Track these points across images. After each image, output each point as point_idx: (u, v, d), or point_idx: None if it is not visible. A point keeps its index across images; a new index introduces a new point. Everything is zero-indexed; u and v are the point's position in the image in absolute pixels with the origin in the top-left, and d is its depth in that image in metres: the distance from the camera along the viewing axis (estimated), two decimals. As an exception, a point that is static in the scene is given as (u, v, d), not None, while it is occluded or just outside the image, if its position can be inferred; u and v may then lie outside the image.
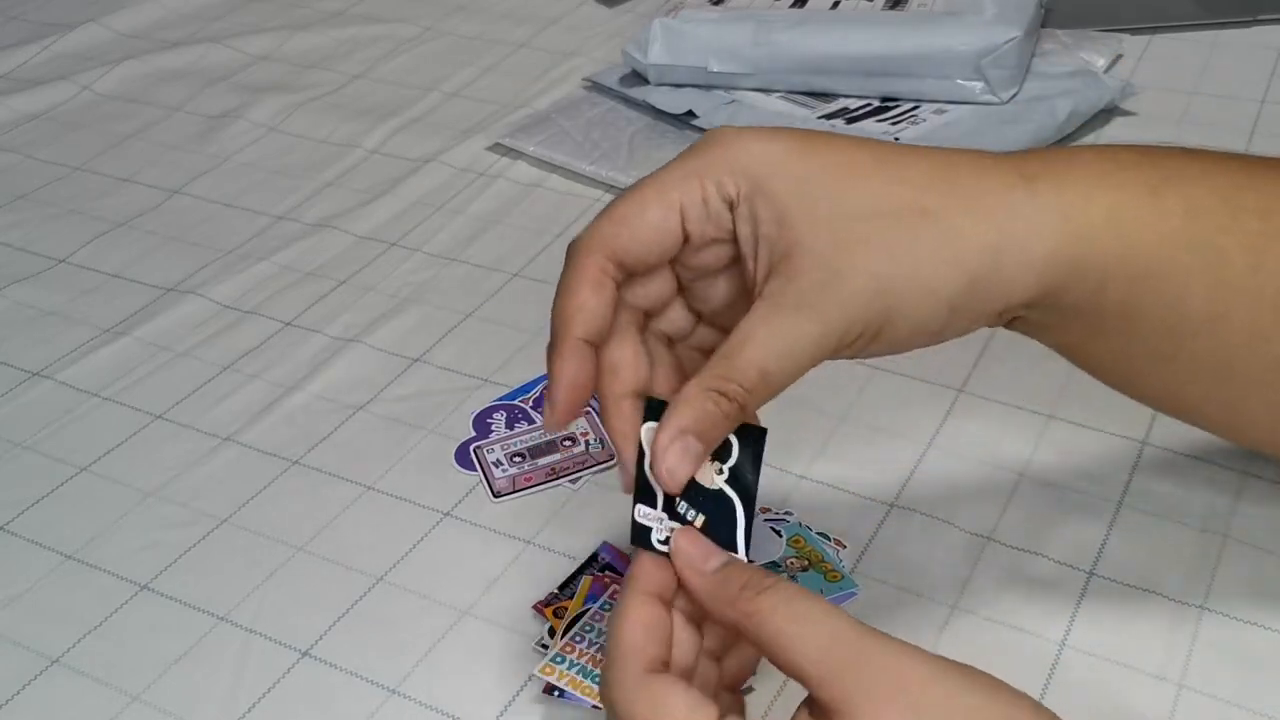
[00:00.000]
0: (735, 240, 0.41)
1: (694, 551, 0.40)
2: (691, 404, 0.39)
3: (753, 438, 0.40)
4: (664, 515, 0.40)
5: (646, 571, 0.40)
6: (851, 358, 0.41)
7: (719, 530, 0.40)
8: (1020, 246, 0.40)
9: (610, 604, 0.50)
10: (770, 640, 0.37)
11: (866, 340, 0.40)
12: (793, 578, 0.51)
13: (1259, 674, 0.47)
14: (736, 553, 0.40)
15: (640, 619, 0.39)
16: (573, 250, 0.42)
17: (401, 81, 0.94)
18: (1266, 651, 0.48)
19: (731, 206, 0.40)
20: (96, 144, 0.89)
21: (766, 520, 0.54)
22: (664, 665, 0.39)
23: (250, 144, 0.88)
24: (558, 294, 0.42)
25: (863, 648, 0.36)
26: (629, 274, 0.42)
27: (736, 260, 0.42)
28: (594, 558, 0.53)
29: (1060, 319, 0.42)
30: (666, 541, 0.40)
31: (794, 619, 0.37)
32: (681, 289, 0.44)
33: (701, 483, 0.40)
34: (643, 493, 0.41)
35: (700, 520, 0.40)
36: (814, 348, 0.39)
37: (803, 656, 0.36)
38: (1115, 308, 0.41)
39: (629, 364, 0.43)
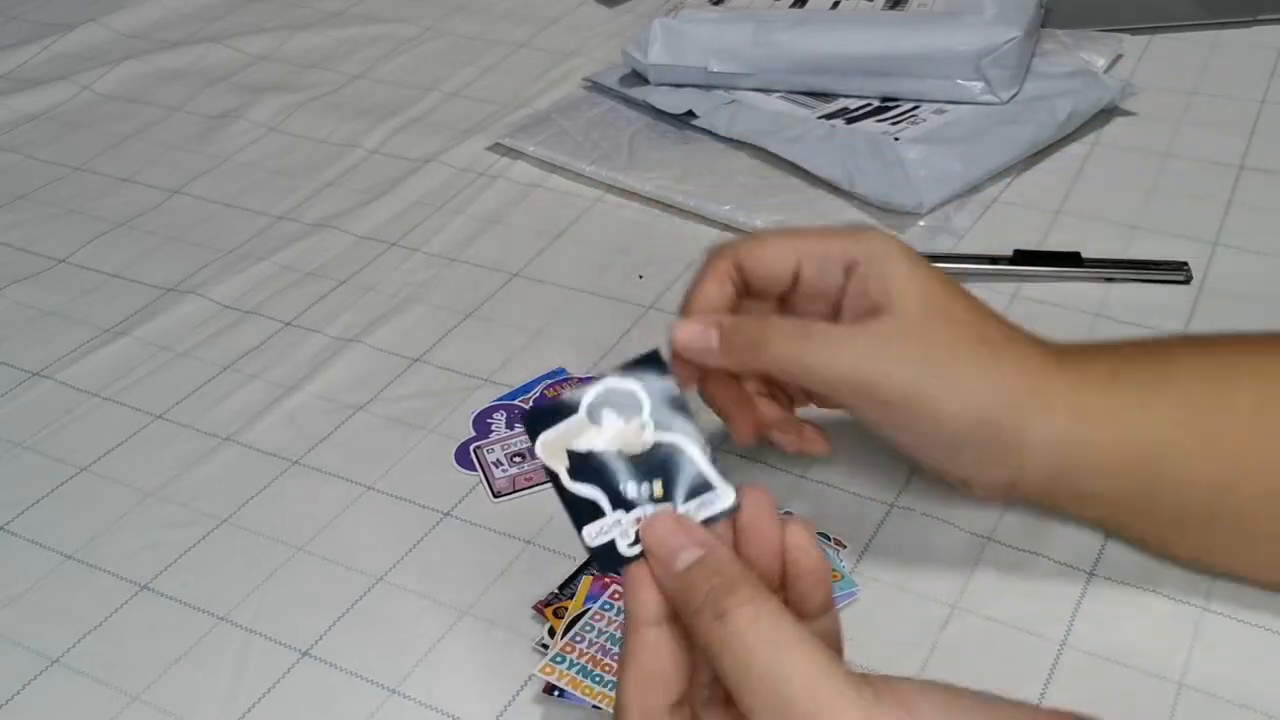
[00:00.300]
0: (839, 299, 0.48)
1: (662, 549, 0.36)
2: (734, 316, 0.48)
3: (654, 370, 0.38)
4: (618, 514, 0.37)
5: (639, 601, 0.37)
6: (878, 423, 0.48)
7: (680, 483, 0.37)
8: (1040, 417, 0.46)
9: (610, 604, 0.50)
10: (736, 669, 0.33)
11: (897, 408, 0.46)
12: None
13: (1259, 674, 0.47)
14: (714, 488, 0.37)
15: (640, 670, 0.36)
16: (709, 252, 0.51)
17: (401, 81, 0.94)
18: (1266, 651, 0.48)
19: (848, 270, 0.48)
20: (96, 144, 0.89)
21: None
22: (679, 699, 0.36)
23: (250, 144, 0.88)
24: (691, 283, 0.51)
25: (855, 685, 0.33)
26: (746, 286, 0.50)
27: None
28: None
29: (1081, 505, 0.49)
30: (636, 541, 0.37)
31: (773, 652, 0.33)
32: None
33: (631, 451, 0.38)
34: (579, 511, 0.37)
35: (658, 485, 0.37)
36: (856, 364, 0.45)
37: (777, 694, 0.32)
38: (1129, 492, 0.47)
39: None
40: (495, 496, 0.58)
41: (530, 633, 0.51)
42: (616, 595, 0.50)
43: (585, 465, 0.38)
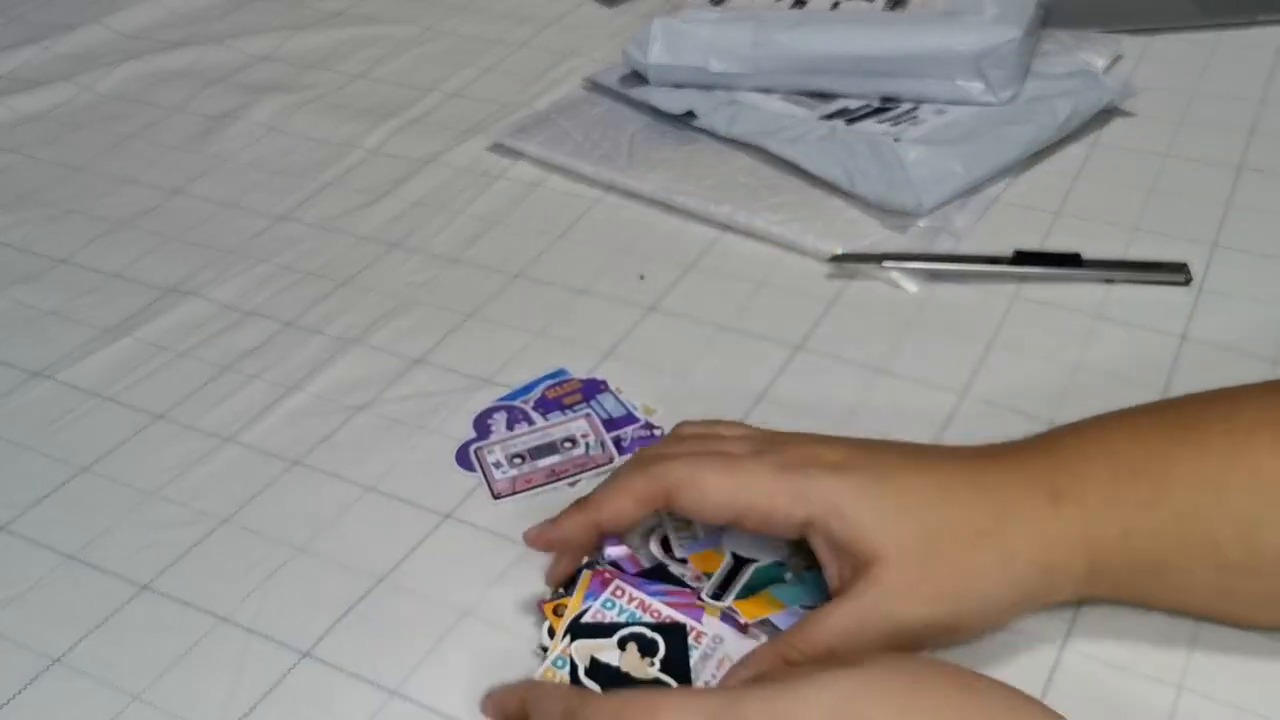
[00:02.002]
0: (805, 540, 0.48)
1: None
2: (759, 654, 0.46)
3: (678, 634, 0.48)
4: None
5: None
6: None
7: None
8: (1061, 570, 0.46)
9: (612, 601, 0.50)
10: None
11: (933, 642, 0.46)
12: (798, 578, 0.51)
13: (1258, 677, 0.47)
14: None
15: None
16: (639, 463, 0.50)
17: (401, 81, 0.94)
18: (1266, 654, 0.48)
19: (803, 528, 0.47)
20: (96, 144, 0.89)
21: (758, 567, 0.54)
22: None
23: (250, 144, 0.88)
24: (608, 485, 0.50)
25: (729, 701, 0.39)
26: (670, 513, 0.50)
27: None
28: (599, 554, 0.53)
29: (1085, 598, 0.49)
30: None
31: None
32: None
33: (634, 674, 0.47)
34: None
35: None
36: (884, 642, 0.45)
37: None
38: (1136, 598, 0.48)
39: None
40: (496, 497, 0.58)
41: (531, 634, 0.51)
42: (619, 593, 0.50)
43: (600, 668, 0.48)
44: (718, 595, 0.50)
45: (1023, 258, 0.69)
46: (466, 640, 0.51)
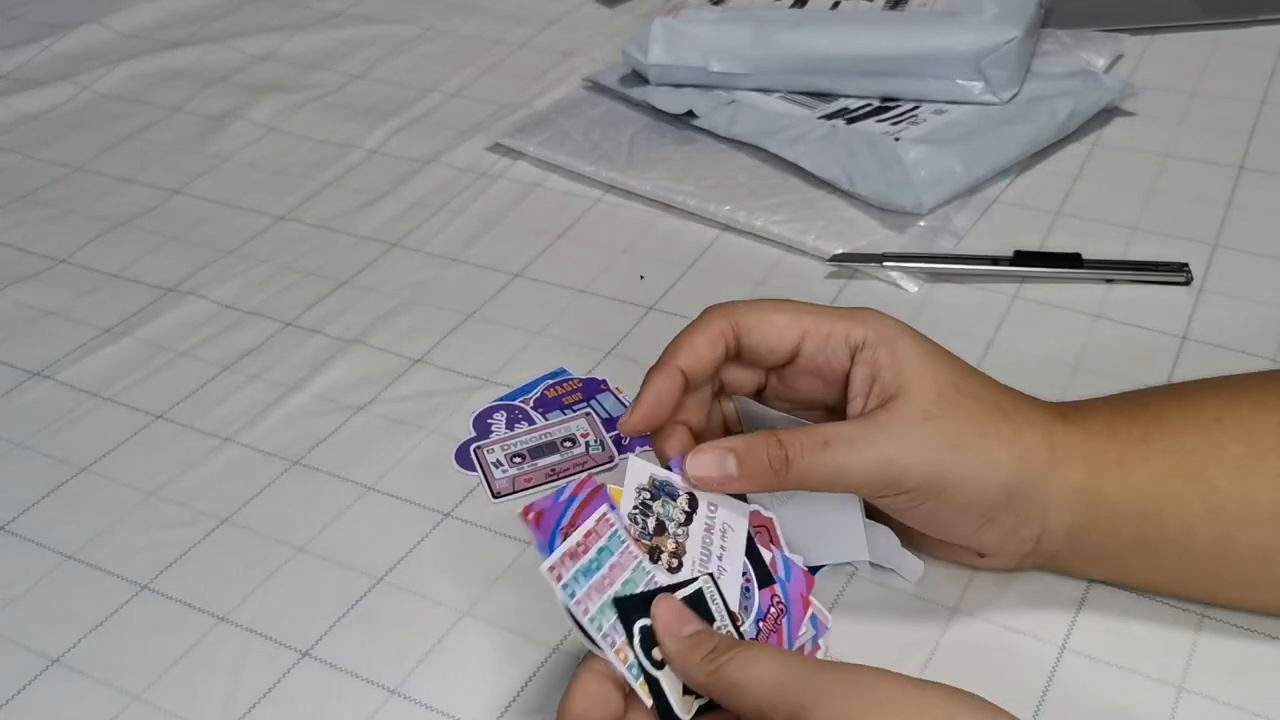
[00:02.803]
0: (840, 379, 0.49)
1: (671, 618, 0.43)
2: (746, 437, 0.46)
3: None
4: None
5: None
6: (905, 515, 0.47)
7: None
8: (1061, 475, 0.47)
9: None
10: (730, 690, 0.40)
11: (927, 493, 0.46)
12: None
13: (1259, 678, 0.47)
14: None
15: (586, 691, 0.42)
16: (707, 310, 0.50)
17: (401, 81, 0.94)
18: (1266, 656, 0.48)
19: (855, 351, 0.48)
20: (96, 144, 0.89)
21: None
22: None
23: (250, 144, 0.88)
24: (679, 334, 0.50)
25: (814, 668, 0.39)
26: (739, 354, 0.49)
27: (820, 406, 0.50)
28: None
29: (1085, 563, 0.50)
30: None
31: (748, 664, 0.40)
32: (759, 394, 0.52)
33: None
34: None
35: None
36: (881, 459, 0.45)
37: (758, 688, 0.39)
38: (1131, 546, 0.48)
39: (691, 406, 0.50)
40: (495, 497, 0.58)
41: (531, 634, 0.51)
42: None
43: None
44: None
45: (1023, 258, 0.69)
46: (466, 640, 0.51)
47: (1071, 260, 0.68)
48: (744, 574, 0.46)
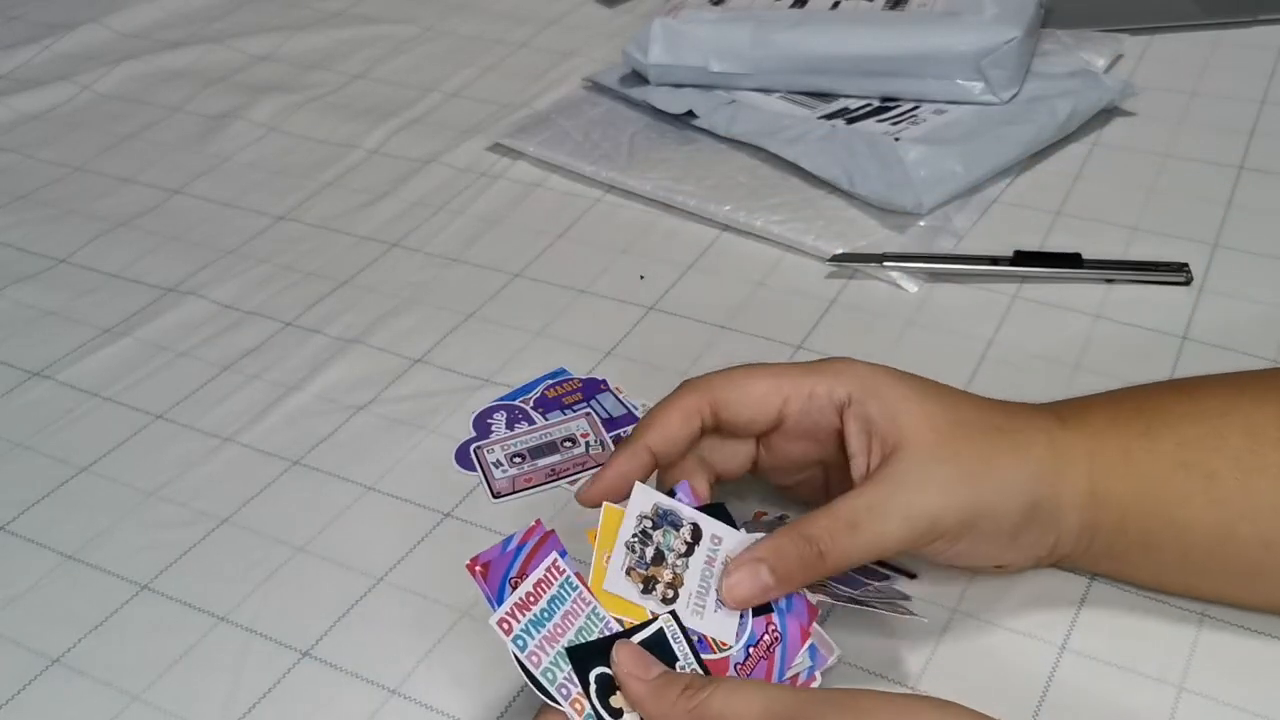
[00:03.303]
0: (831, 438, 0.48)
1: (633, 663, 0.42)
2: (773, 540, 0.45)
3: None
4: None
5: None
6: (936, 556, 0.47)
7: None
8: (1068, 478, 0.47)
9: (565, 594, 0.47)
10: None
11: (958, 534, 0.46)
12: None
13: (1259, 678, 0.47)
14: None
15: None
16: (683, 384, 0.49)
17: (401, 81, 0.94)
18: (1266, 656, 0.48)
19: (841, 409, 0.47)
20: (96, 144, 0.89)
21: (764, 521, 0.54)
22: None
23: (250, 144, 0.88)
24: (653, 409, 0.49)
25: (801, 699, 0.39)
26: (718, 428, 0.49)
27: (817, 464, 0.50)
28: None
29: (1093, 560, 0.49)
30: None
31: (730, 697, 0.40)
32: (754, 469, 0.51)
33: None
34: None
35: None
36: (909, 518, 0.45)
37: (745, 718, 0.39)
38: (1137, 542, 0.48)
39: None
40: (495, 497, 0.58)
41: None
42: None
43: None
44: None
45: (1023, 258, 0.69)
46: (466, 640, 0.51)
47: (1071, 260, 0.68)
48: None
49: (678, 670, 0.43)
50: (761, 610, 0.45)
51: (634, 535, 0.45)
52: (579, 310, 0.69)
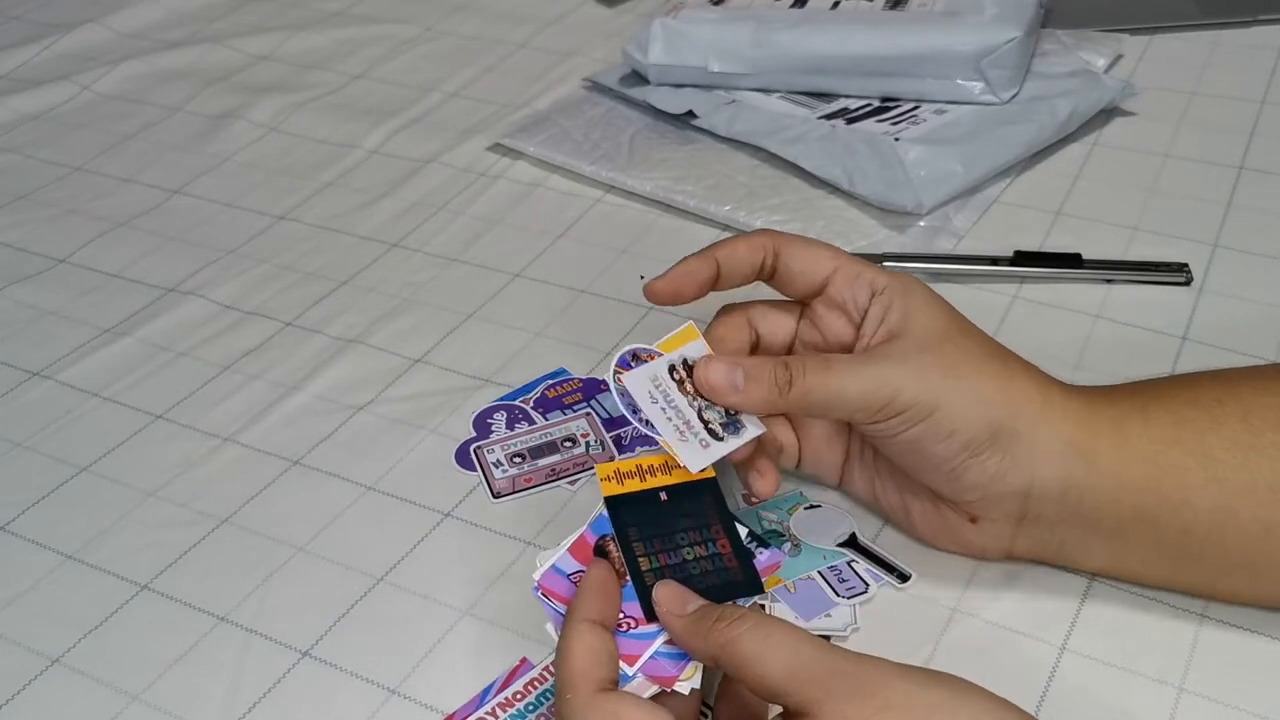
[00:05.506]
0: (858, 318, 0.51)
1: (673, 598, 0.44)
2: (753, 357, 0.51)
3: None
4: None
5: (585, 602, 0.44)
6: (891, 440, 0.48)
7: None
8: (1051, 423, 0.47)
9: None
10: (742, 663, 0.41)
11: (914, 417, 0.47)
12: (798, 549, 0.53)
13: (1259, 678, 0.47)
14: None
15: (585, 646, 0.42)
16: (757, 230, 0.53)
17: (401, 81, 0.94)
18: (1266, 656, 0.48)
19: (874, 294, 0.50)
20: (96, 144, 0.89)
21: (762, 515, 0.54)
22: (612, 684, 0.42)
23: (250, 144, 0.88)
24: (725, 241, 0.52)
25: (825, 657, 0.40)
26: (774, 274, 0.52)
27: (847, 346, 0.52)
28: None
29: (1083, 533, 0.49)
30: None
31: (760, 641, 0.41)
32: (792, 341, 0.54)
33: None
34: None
35: None
36: (878, 380, 0.47)
37: (770, 671, 0.40)
38: (1132, 516, 0.47)
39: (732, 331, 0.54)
40: (495, 497, 0.58)
41: (531, 634, 0.51)
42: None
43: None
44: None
45: (1023, 258, 0.69)
46: (466, 640, 0.51)
47: (1071, 260, 0.68)
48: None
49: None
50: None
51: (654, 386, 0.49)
52: (579, 310, 0.69)
